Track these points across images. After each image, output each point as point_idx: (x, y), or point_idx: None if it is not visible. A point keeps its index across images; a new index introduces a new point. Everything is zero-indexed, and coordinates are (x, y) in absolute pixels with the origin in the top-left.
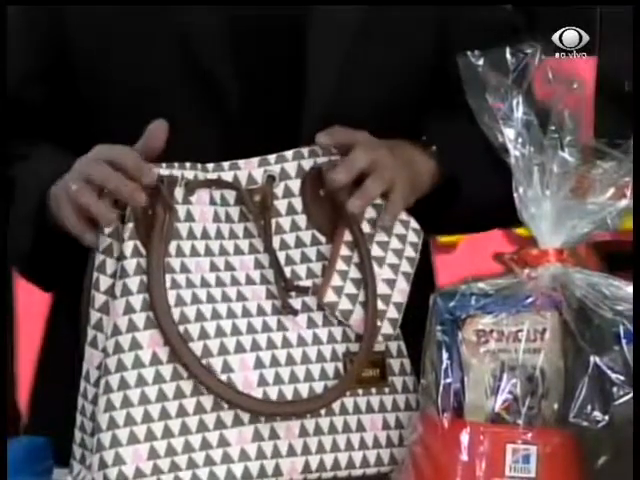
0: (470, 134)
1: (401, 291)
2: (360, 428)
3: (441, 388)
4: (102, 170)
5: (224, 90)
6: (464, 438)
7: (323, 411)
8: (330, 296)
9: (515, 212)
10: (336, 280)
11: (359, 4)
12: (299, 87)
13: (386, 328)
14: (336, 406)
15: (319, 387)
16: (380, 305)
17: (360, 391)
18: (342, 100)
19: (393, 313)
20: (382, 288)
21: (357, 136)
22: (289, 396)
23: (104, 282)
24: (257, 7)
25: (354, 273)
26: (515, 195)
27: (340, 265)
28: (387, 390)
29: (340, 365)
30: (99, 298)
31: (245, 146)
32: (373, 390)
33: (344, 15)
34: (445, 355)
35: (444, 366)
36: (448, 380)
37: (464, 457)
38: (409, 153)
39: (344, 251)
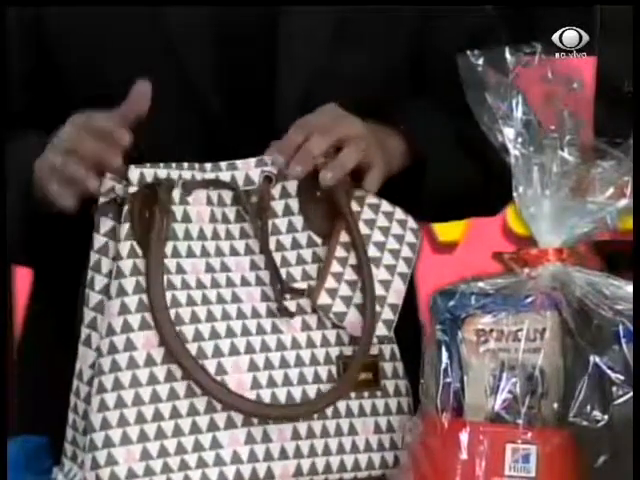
0: (440, 120)
1: (397, 292)
2: (352, 431)
3: (441, 388)
4: (82, 139)
5: (206, 96)
6: (464, 438)
7: (315, 414)
8: (324, 298)
9: (490, 200)
10: (330, 282)
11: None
12: (272, 88)
13: (380, 330)
14: (328, 409)
15: (312, 390)
16: (376, 307)
17: (352, 394)
18: (315, 100)
19: (388, 314)
20: (377, 289)
21: (312, 124)
22: (282, 399)
23: (99, 281)
24: (236, 6)
25: (349, 275)
26: (515, 194)
27: (335, 267)
28: (379, 394)
29: (333, 368)
30: (93, 297)
31: (222, 145)
32: (365, 394)
33: (317, 20)
34: (445, 354)
35: (444, 366)
36: (448, 380)
37: (464, 456)
38: (380, 132)
39: (339, 252)
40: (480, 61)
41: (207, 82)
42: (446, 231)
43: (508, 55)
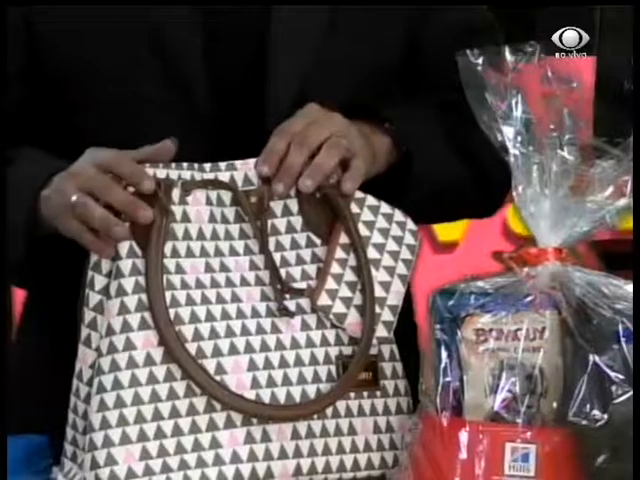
0: (427, 117)
1: (396, 293)
2: (352, 431)
3: (440, 387)
4: (101, 180)
5: (194, 89)
6: (463, 437)
7: (315, 414)
8: (324, 299)
9: (482, 201)
10: (330, 283)
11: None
12: (263, 87)
13: (381, 331)
14: (328, 409)
15: (312, 390)
16: (375, 308)
17: (352, 394)
18: (307, 98)
19: (388, 316)
20: (377, 291)
21: (291, 131)
22: (281, 399)
23: (99, 281)
24: (227, 7)
25: (349, 276)
26: (514, 194)
27: (335, 268)
28: (379, 394)
29: (333, 368)
30: (93, 297)
31: (214, 147)
32: (365, 394)
33: (309, 14)
34: (444, 354)
35: (443, 365)
36: (447, 379)
37: (463, 456)
38: (365, 130)
39: (339, 254)
40: (480, 60)
41: (199, 83)
42: (446, 231)
43: (508, 54)
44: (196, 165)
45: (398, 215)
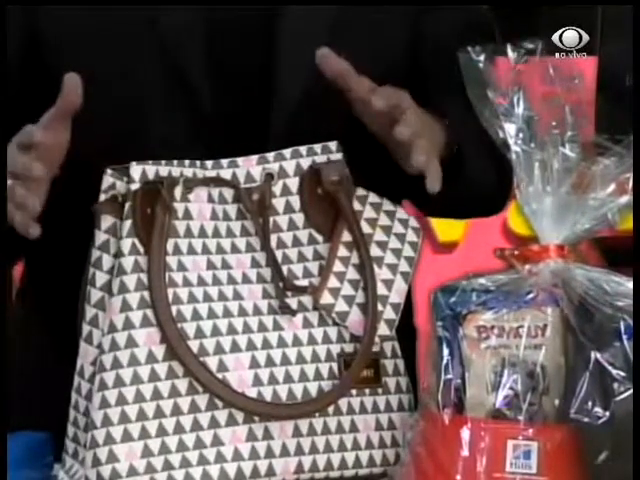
0: (467, 117)
1: (399, 291)
2: (353, 429)
3: (442, 384)
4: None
5: (196, 89)
6: (465, 434)
7: (317, 412)
8: (327, 298)
9: (496, 198)
10: (333, 282)
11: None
12: (268, 87)
13: (383, 329)
14: (330, 407)
15: (313, 387)
16: (378, 306)
17: (354, 392)
18: (312, 99)
19: (390, 314)
20: (380, 289)
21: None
22: (283, 396)
23: (100, 278)
24: (231, 7)
25: (352, 274)
26: (516, 191)
27: (337, 266)
28: (380, 391)
29: (335, 366)
30: (95, 294)
31: (217, 144)
32: (367, 391)
33: (315, 15)
34: (446, 351)
35: (445, 362)
36: (449, 376)
37: (465, 453)
38: (428, 120)
39: (342, 252)
40: (481, 57)
41: (203, 82)
42: (446, 231)
43: (509, 51)
44: (198, 162)
45: (400, 212)
